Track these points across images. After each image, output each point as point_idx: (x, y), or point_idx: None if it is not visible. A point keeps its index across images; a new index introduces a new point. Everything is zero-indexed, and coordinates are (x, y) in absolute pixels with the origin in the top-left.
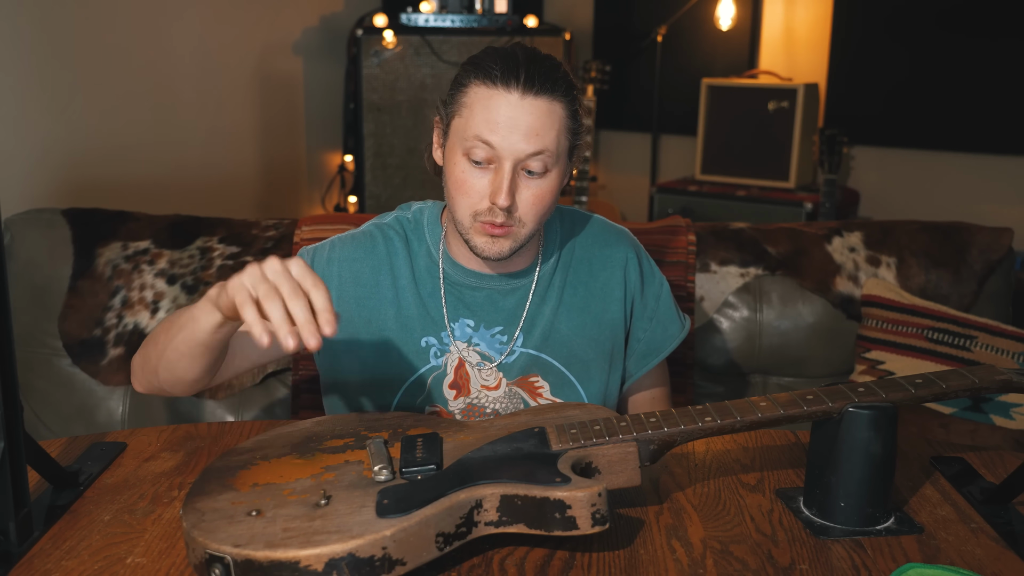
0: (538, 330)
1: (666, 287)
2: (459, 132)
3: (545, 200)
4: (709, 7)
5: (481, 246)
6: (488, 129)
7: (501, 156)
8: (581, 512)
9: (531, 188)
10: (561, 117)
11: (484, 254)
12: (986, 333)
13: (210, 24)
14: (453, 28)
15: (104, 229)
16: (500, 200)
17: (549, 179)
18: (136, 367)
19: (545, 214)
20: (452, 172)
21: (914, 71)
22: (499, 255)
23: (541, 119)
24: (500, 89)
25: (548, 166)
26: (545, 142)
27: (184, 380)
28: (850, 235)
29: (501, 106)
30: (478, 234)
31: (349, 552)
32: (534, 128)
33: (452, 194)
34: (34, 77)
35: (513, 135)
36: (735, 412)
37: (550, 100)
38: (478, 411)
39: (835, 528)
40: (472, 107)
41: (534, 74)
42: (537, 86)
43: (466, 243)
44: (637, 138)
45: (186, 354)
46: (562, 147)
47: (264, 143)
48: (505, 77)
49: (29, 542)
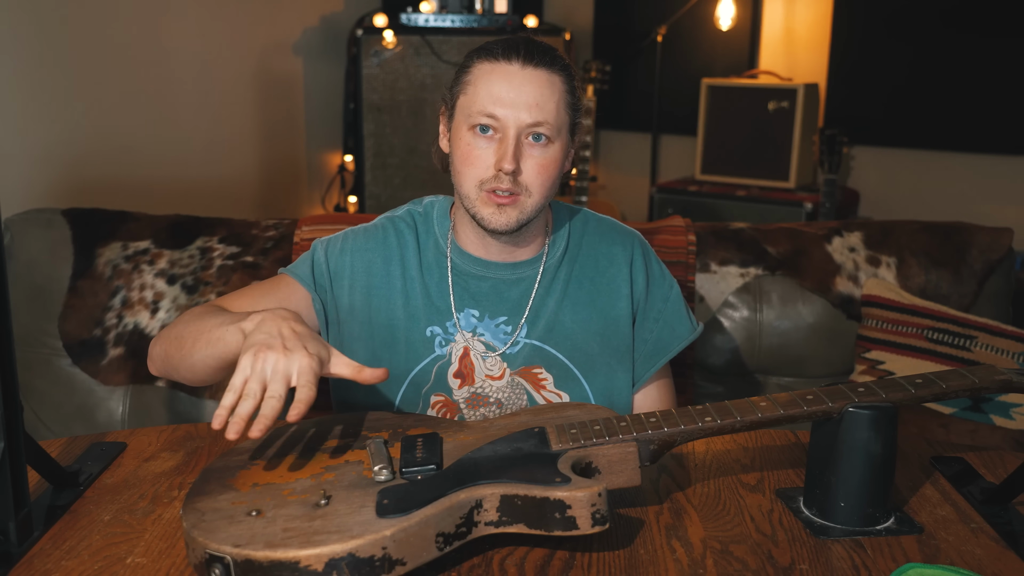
0: (542, 322)
1: (676, 290)
2: (464, 109)
3: (549, 171)
4: (709, 7)
5: (488, 217)
6: (492, 100)
7: (505, 125)
8: (581, 512)
9: (535, 157)
10: (561, 90)
11: (491, 225)
12: (986, 333)
13: (210, 24)
14: (453, 28)
15: (104, 229)
16: (505, 164)
17: (552, 149)
18: (156, 356)
19: (551, 187)
20: (458, 147)
21: (914, 71)
22: (506, 226)
23: (542, 89)
24: (502, 62)
25: (551, 135)
26: (546, 111)
27: (205, 381)
28: (850, 235)
29: (503, 77)
30: (484, 205)
31: (349, 552)
32: (535, 97)
33: (459, 168)
34: (34, 77)
35: (516, 103)
36: (735, 412)
37: (550, 72)
38: (482, 400)
39: (835, 528)
40: (476, 83)
41: (533, 49)
42: (537, 58)
43: (473, 218)
44: (637, 138)
45: (210, 366)
46: (562, 120)
47: (264, 143)
48: (507, 52)
49: (29, 542)
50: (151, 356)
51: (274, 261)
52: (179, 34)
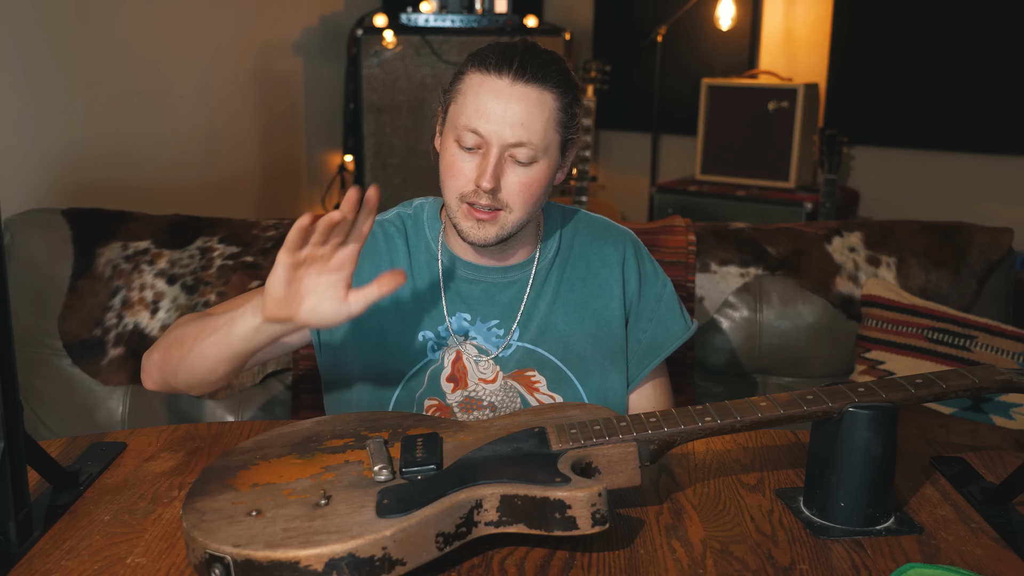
0: (534, 324)
1: (669, 288)
2: (453, 119)
3: (532, 189)
4: (709, 7)
5: (467, 230)
6: (477, 115)
7: (489, 141)
8: (581, 512)
9: (517, 175)
10: (552, 109)
11: (469, 239)
12: (986, 333)
13: (210, 24)
14: (453, 28)
15: (104, 229)
16: (484, 182)
17: (536, 169)
18: (151, 366)
19: (534, 204)
20: (444, 156)
21: (914, 71)
22: (484, 241)
23: (529, 107)
24: (492, 75)
25: (535, 156)
26: (531, 132)
27: (205, 382)
28: (850, 235)
29: (492, 91)
30: (464, 218)
31: (349, 552)
32: (520, 116)
33: (443, 178)
34: (34, 77)
35: (501, 121)
36: (735, 412)
37: (540, 89)
38: (476, 404)
39: (835, 528)
40: (466, 93)
41: (527, 63)
42: (528, 74)
43: (455, 227)
44: (637, 138)
45: (213, 357)
46: (551, 139)
47: (264, 143)
48: (499, 64)
49: (29, 542)
50: (145, 369)
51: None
52: (179, 34)
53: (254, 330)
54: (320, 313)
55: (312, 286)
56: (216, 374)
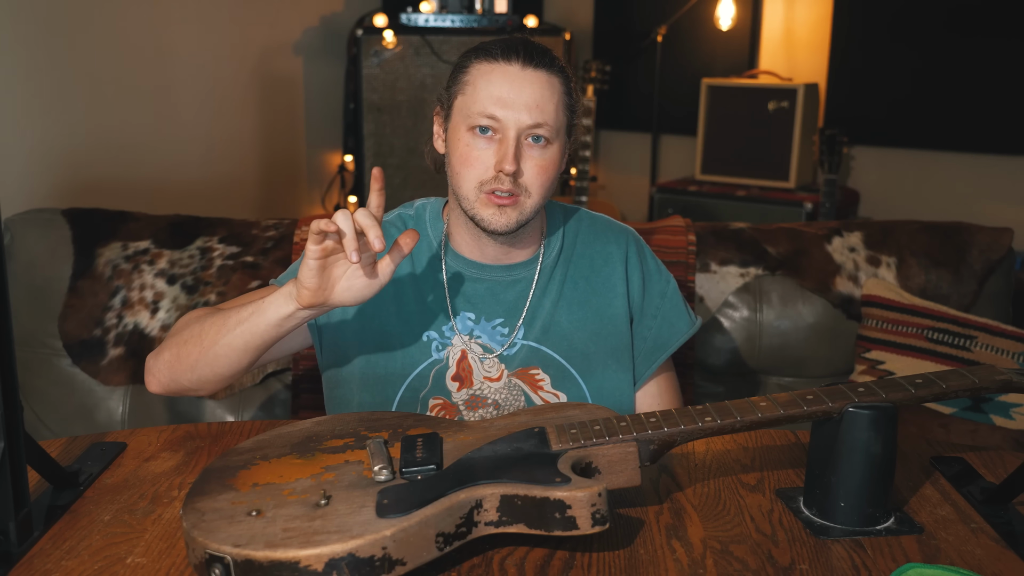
0: (539, 323)
1: (673, 285)
2: (463, 109)
3: (549, 171)
4: (709, 7)
5: (488, 218)
6: (492, 101)
7: (506, 126)
8: (581, 512)
9: (535, 158)
10: (560, 91)
11: (491, 226)
12: (986, 333)
13: (210, 24)
14: (453, 28)
15: (104, 229)
16: (507, 165)
17: (551, 151)
18: (160, 367)
19: (549, 188)
20: (457, 148)
21: (914, 71)
22: (506, 227)
23: (542, 90)
24: (501, 63)
25: (550, 137)
26: (546, 113)
27: (223, 376)
28: (850, 235)
29: (504, 78)
30: (484, 206)
31: (349, 552)
32: (535, 98)
33: (457, 170)
34: (34, 77)
35: (516, 104)
36: (735, 412)
37: (549, 73)
38: (481, 402)
39: (835, 528)
40: (475, 83)
41: (532, 50)
42: (536, 59)
43: (472, 219)
44: (637, 138)
45: (240, 348)
46: (561, 121)
47: (264, 143)
48: (506, 52)
49: (29, 542)
50: (151, 371)
51: (274, 261)
52: (179, 34)
53: (287, 317)
54: (354, 291)
55: (342, 269)
56: (240, 365)
